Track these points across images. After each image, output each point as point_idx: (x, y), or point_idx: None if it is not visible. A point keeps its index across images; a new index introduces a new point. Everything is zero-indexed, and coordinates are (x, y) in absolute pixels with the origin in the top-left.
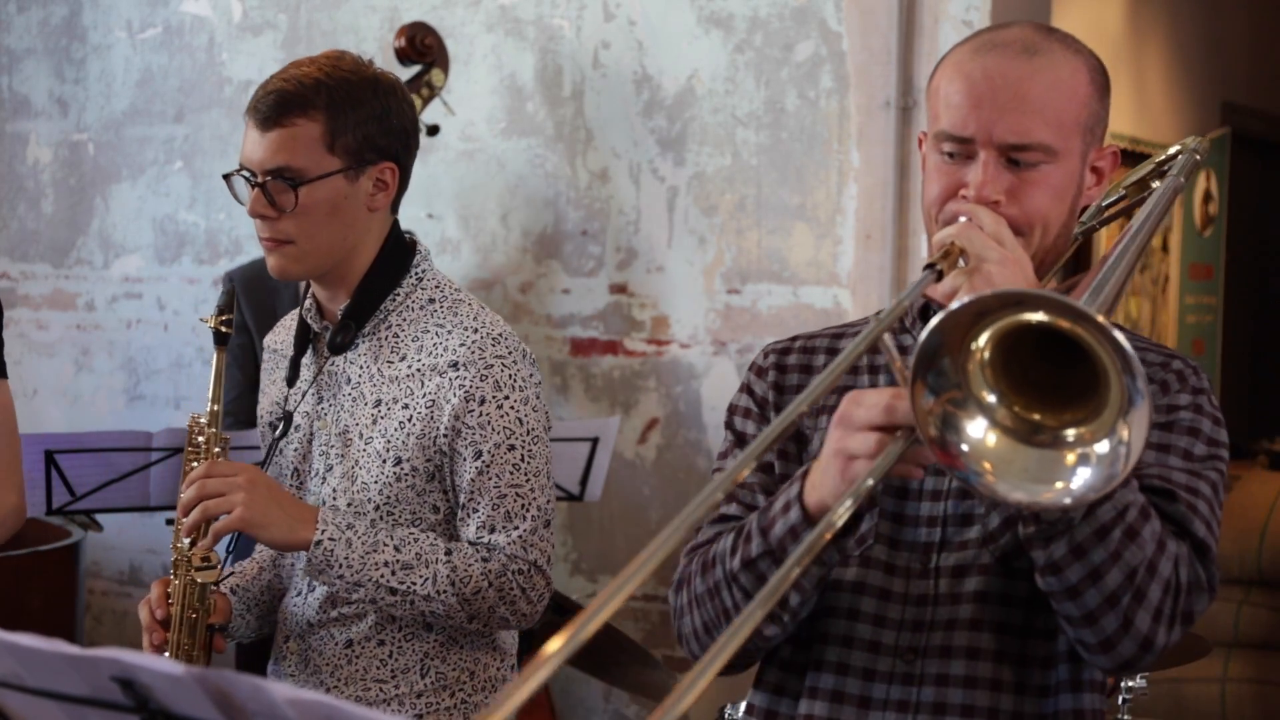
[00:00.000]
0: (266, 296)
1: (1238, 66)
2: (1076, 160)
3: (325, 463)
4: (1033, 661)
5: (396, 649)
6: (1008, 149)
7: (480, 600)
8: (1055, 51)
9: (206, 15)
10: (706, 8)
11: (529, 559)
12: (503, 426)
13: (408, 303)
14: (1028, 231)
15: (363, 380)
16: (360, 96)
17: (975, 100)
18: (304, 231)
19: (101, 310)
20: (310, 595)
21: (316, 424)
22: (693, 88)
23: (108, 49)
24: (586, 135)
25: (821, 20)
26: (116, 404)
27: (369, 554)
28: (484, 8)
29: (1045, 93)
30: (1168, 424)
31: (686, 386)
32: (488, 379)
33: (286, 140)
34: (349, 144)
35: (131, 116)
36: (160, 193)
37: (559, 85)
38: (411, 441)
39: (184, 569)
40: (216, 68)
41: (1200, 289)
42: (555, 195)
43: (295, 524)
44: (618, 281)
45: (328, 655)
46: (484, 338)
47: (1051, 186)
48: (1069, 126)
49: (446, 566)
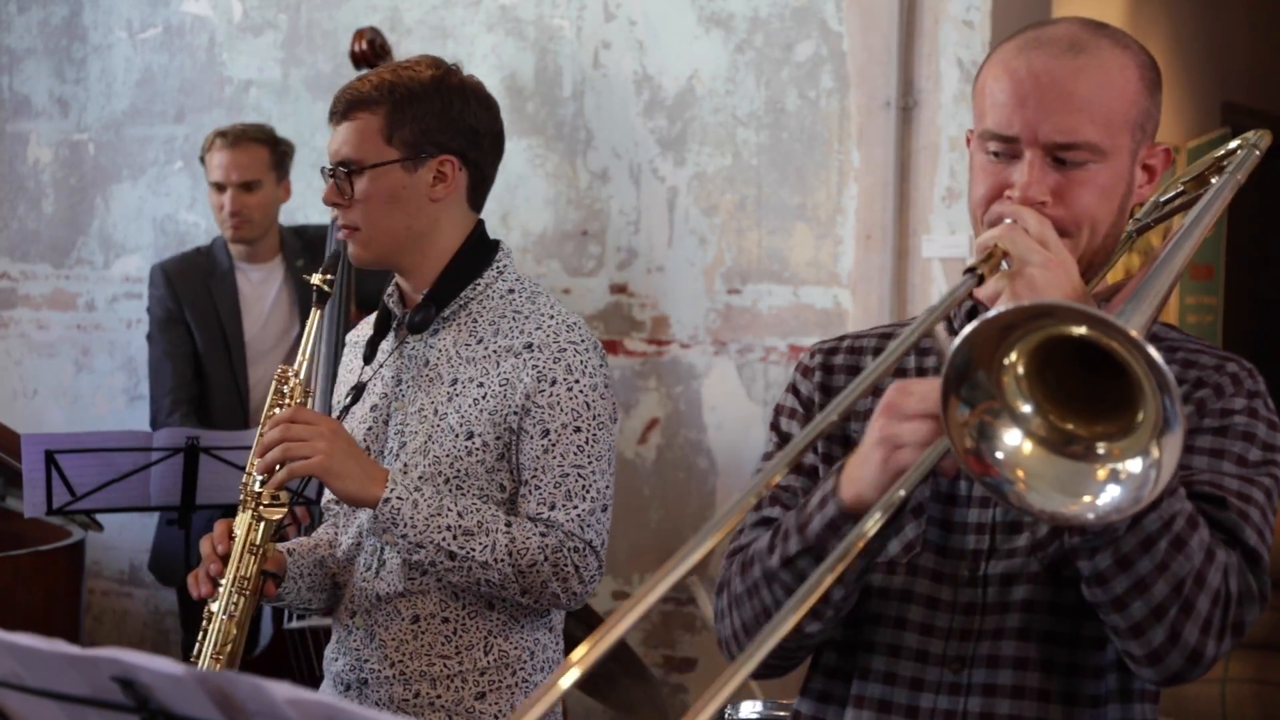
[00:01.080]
0: (198, 286)
1: (1238, 66)
2: (1126, 159)
3: (400, 440)
4: (1082, 671)
5: (461, 626)
6: (1053, 148)
7: (535, 573)
8: (1103, 48)
9: (207, 15)
10: (707, 8)
11: (585, 538)
12: (571, 408)
13: (488, 292)
14: (1075, 232)
15: (440, 362)
16: (423, 93)
17: (1020, 99)
18: (366, 218)
19: (102, 310)
20: (380, 570)
21: (394, 404)
22: (693, 88)
23: (108, 49)
24: (587, 135)
25: (822, 20)
26: (117, 404)
27: (433, 517)
28: (484, 7)
29: (1092, 90)
30: (1221, 428)
31: (687, 386)
32: (560, 362)
33: (350, 133)
34: (406, 136)
35: (132, 116)
36: (161, 193)
37: (559, 85)
38: (484, 417)
39: (251, 505)
40: (217, 68)
41: (1200, 289)
42: (555, 195)
43: (368, 480)
44: (618, 281)
45: (394, 630)
46: (559, 324)
47: (1099, 186)
48: (1117, 124)
49: (505, 537)
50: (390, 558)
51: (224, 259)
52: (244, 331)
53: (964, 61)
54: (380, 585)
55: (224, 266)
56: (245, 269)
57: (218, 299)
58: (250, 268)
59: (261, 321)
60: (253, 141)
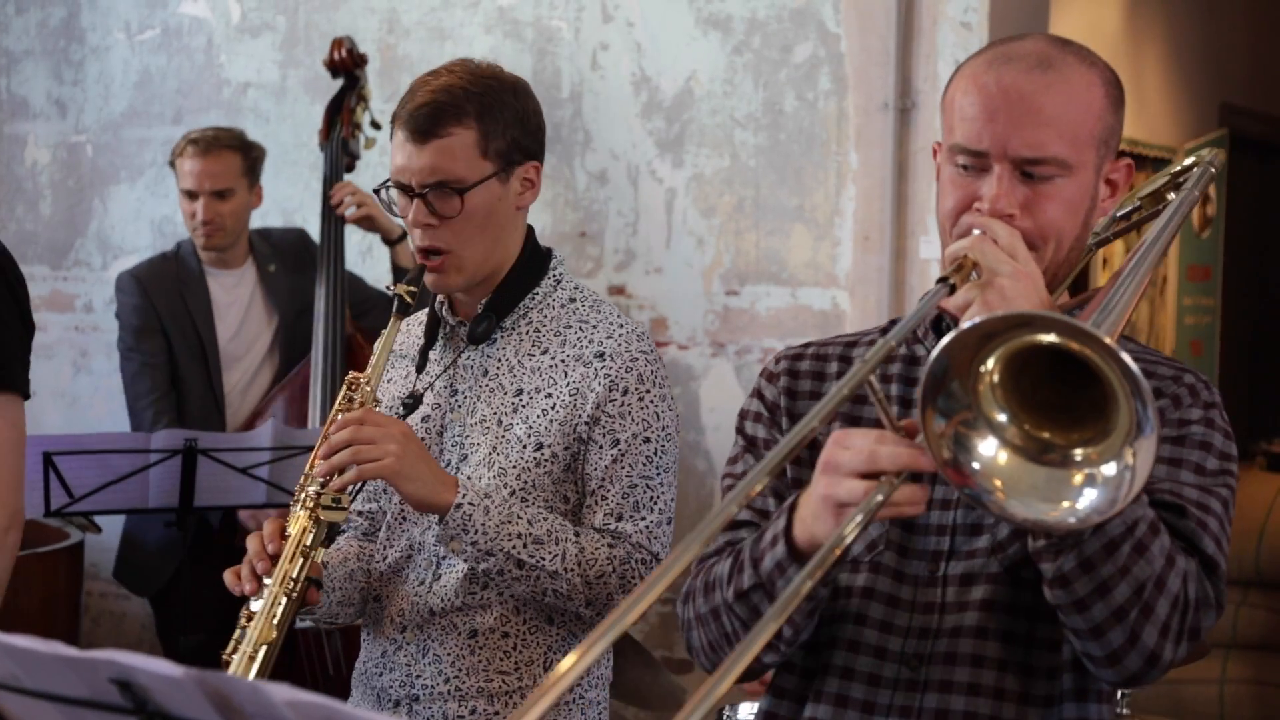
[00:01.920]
0: (171, 293)
1: (1236, 68)
2: (1091, 173)
3: (459, 452)
4: (1037, 671)
5: (521, 641)
6: (1022, 162)
7: (602, 585)
8: (1070, 64)
9: (205, 17)
10: (705, 9)
11: (653, 550)
12: (641, 419)
13: (548, 301)
14: (1041, 245)
15: (501, 372)
16: (505, 100)
17: (990, 114)
18: (461, 238)
19: (100, 312)
20: (435, 584)
21: (449, 415)
22: (691, 89)
23: (106, 50)
24: (585, 137)
25: (820, 22)
26: (115, 406)
27: (504, 524)
28: (482, 9)
29: (1059, 106)
30: (1179, 438)
31: (685, 388)
32: (632, 371)
33: (445, 150)
34: (500, 147)
35: (130, 118)
36: (159, 194)
37: (557, 87)
38: (554, 428)
39: (310, 505)
40: (215, 69)
41: (1198, 290)
42: (554, 197)
43: (439, 485)
44: (616, 283)
45: (449, 645)
46: (629, 333)
47: (1066, 200)
48: (1083, 140)
49: (575, 546)
50: (446, 571)
51: (194, 264)
52: (218, 338)
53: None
54: (434, 599)
55: (195, 272)
56: (216, 274)
57: (191, 306)
58: (221, 273)
59: (235, 327)
60: (225, 148)
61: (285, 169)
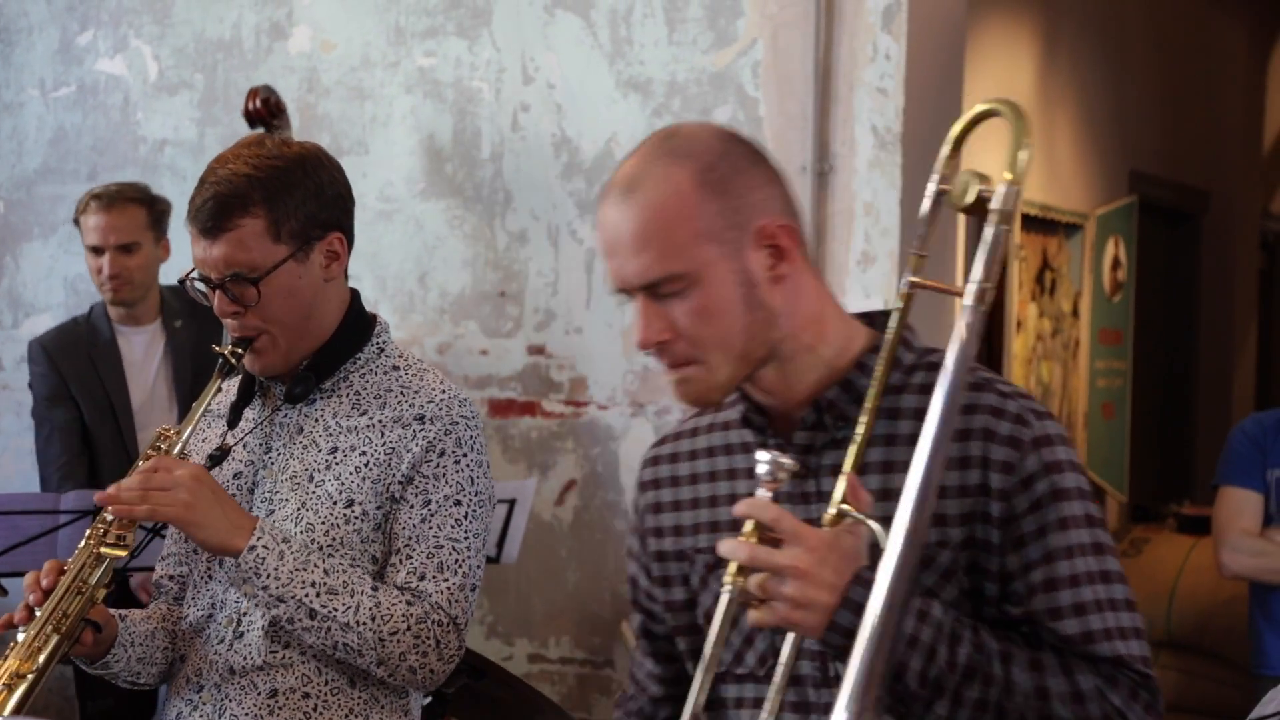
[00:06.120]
0: (79, 358)
1: (1146, 136)
2: (724, 265)
3: (268, 508)
4: None
5: (322, 702)
6: (646, 289)
7: (395, 643)
8: (652, 175)
9: (121, 74)
10: (625, 72)
11: (451, 613)
12: (455, 481)
13: (370, 367)
14: (703, 358)
15: (317, 430)
16: (293, 180)
17: (609, 251)
18: (270, 318)
19: (10, 370)
20: (237, 642)
21: (262, 472)
22: (611, 151)
23: (20, 107)
24: (505, 197)
25: (739, 86)
26: (24, 465)
27: (298, 571)
28: (403, 69)
29: (646, 226)
30: (1049, 555)
31: (604, 448)
32: (451, 434)
33: (235, 242)
34: (294, 228)
35: (44, 175)
36: (72, 252)
37: (478, 147)
38: (367, 485)
39: (94, 541)
40: (131, 127)
41: (1110, 353)
42: (473, 256)
43: (233, 529)
44: (536, 342)
45: (248, 704)
46: (451, 398)
47: (703, 308)
48: (684, 245)
49: (371, 600)
50: (248, 629)
51: (105, 327)
52: (131, 399)
53: (878, 128)
54: (235, 657)
55: (105, 335)
56: (127, 333)
57: (101, 370)
58: (132, 331)
59: (148, 387)
60: (129, 202)
61: None
